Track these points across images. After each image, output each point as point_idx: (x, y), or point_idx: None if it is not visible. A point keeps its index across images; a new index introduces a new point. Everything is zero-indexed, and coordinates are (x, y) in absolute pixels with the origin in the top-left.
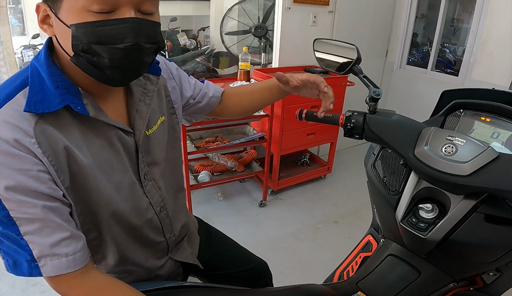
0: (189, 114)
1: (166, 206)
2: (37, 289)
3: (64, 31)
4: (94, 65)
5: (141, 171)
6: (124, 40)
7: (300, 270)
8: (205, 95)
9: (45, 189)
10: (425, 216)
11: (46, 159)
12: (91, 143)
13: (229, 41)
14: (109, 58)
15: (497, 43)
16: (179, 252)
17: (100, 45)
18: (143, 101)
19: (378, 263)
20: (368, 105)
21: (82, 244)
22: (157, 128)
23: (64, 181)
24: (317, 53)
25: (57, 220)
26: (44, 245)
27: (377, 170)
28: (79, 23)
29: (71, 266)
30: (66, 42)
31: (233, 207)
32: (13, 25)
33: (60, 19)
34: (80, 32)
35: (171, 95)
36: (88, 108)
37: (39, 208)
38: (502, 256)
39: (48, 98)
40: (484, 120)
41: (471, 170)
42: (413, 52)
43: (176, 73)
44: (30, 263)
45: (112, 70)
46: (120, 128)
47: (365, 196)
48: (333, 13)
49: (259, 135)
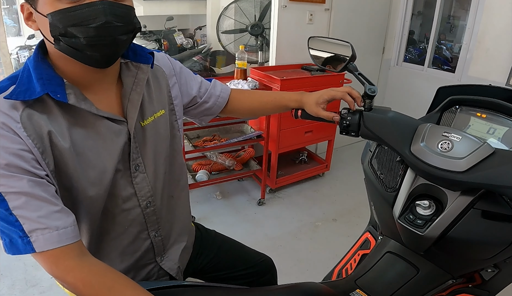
0: (197, 115)
1: (155, 203)
2: (36, 289)
3: (44, 22)
4: (73, 47)
5: (133, 161)
6: (96, 20)
7: (299, 268)
8: (212, 95)
9: (29, 167)
10: (422, 213)
11: (31, 141)
12: (75, 131)
13: (226, 39)
14: (84, 37)
15: (493, 40)
16: (167, 261)
17: (74, 27)
18: (134, 90)
19: (376, 261)
20: (364, 102)
21: (72, 220)
22: (155, 119)
23: (49, 164)
24: (312, 51)
25: (43, 194)
26: (33, 218)
27: (374, 167)
28: (54, 11)
29: (63, 239)
30: (47, 31)
31: (232, 206)
32: (8, 26)
33: (38, 12)
34: (55, 19)
35: (171, 91)
36: (70, 97)
37: (24, 181)
38: (500, 253)
39: (31, 88)
40: (480, 116)
41: (467, 166)
42: (410, 49)
43: (179, 71)
44: (23, 239)
45: (90, 48)
46: (108, 117)
47: (364, 194)
48: (329, 11)
49: (256, 133)
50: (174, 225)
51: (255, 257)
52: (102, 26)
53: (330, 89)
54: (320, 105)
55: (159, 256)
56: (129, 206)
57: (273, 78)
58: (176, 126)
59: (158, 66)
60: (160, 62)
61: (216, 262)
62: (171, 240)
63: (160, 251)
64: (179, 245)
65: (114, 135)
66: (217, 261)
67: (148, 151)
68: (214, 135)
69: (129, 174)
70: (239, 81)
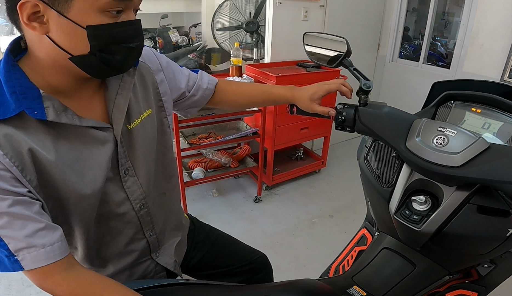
0: (184, 108)
1: (148, 204)
2: (33, 289)
3: (73, 31)
4: (104, 62)
5: (121, 167)
6: (134, 39)
7: (296, 265)
8: (200, 88)
9: (9, 187)
10: (418, 208)
11: (8, 160)
12: (58, 144)
13: (221, 37)
14: (121, 55)
15: (487, 36)
16: (163, 256)
17: (115, 44)
18: (120, 94)
19: (373, 257)
20: (359, 97)
21: (59, 235)
22: (142, 121)
23: (32, 181)
24: (307, 47)
25: (27, 212)
26: (18, 238)
27: (369, 163)
28: (97, 25)
29: (50, 257)
30: (73, 42)
31: (228, 203)
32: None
33: (70, 19)
34: (98, 33)
35: (159, 87)
36: (48, 111)
37: (6, 202)
38: (496, 248)
39: (5, 104)
40: (475, 111)
41: (462, 161)
42: (405, 45)
43: (166, 65)
44: (10, 258)
45: (118, 66)
46: (91, 126)
47: (360, 190)
48: (324, 8)
49: (252, 130)
50: (168, 221)
51: (250, 253)
52: (137, 46)
53: (322, 83)
54: (315, 101)
55: (154, 252)
56: (123, 210)
57: (269, 75)
58: (166, 123)
59: (143, 62)
60: (145, 58)
61: (211, 258)
62: (165, 236)
63: (155, 248)
64: (173, 239)
65: (100, 143)
66: (212, 257)
67: (137, 154)
68: (210, 132)
69: (119, 179)
70: (234, 78)
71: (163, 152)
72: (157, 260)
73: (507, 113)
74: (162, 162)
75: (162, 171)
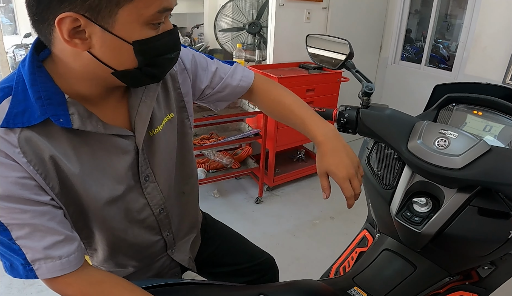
0: (211, 102)
1: (167, 208)
2: (34, 289)
3: (118, 47)
4: (148, 75)
5: (142, 174)
6: (173, 49)
7: (297, 266)
8: (228, 85)
9: (32, 196)
10: (419, 210)
11: (32, 168)
12: (80, 152)
13: (223, 38)
14: (164, 67)
15: (489, 38)
16: (178, 252)
17: (158, 57)
18: (144, 102)
19: (373, 258)
20: (361, 99)
21: (76, 246)
22: (164, 127)
23: (54, 188)
24: (310, 49)
25: (48, 224)
26: (37, 249)
27: (371, 165)
28: (143, 39)
29: (66, 268)
30: (118, 58)
31: (229, 204)
32: (4, 24)
33: (116, 35)
34: (144, 47)
35: (181, 88)
36: (74, 118)
37: (28, 213)
38: (496, 250)
39: (30, 109)
40: (477, 114)
41: (463, 163)
42: (407, 47)
43: (190, 63)
44: (25, 267)
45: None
46: (115, 134)
47: (361, 192)
48: (326, 10)
49: (254, 131)
50: (184, 219)
51: (258, 254)
52: (176, 55)
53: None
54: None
55: (170, 248)
56: (144, 216)
57: (271, 76)
58: (187, 124)
59: None
60: None
61: (220, 254)
62: (181, 233)
63: (171, 245)
64: (189, 236)
65: (122, 151)
66: (221, 254)
67: (158, 160)
68: (212, 133)
69: (139, 186)
70: None
71: (183, 154)
72: (172, 256)
73: (508, 116)
74: (182, 163)
75: (182, 172)
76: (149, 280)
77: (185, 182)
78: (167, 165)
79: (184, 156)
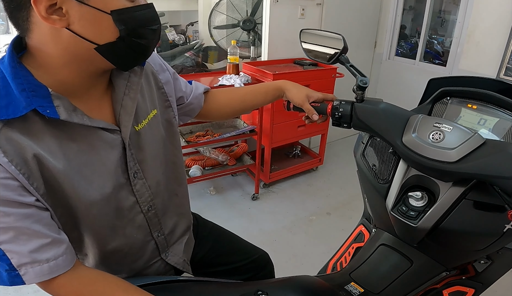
0: (181, 115)
1: (156, 205)
2: (31, 288)
3: (98, 18)
4: (132, 48)
5: (130, 170)
6: (154, 22)
7: (294, 262)
8: (196, 96)
9: (16, 197)
10: (415, 204)
11: (14, 168)
12: (67, 148)
13: (218, 35)
14: (148, 39)
15: (483, 34)
16: (173, 256)
17: (141, 28)
18: (127, 95)
19: (370, 253)
20: (356, 93)
21: (64, 248)
22: (149, 122)
23: (39, 188)
24: (304, 44)
25: (33, 226)
26: (23, 253)
27: (366, 159)
28: (121, 9)
29: (54, 271)
30: (98, 30)
31: (226, 201)
32: None
33: (93, 6)
34: (123, 17)
35: (165, 88)
36: (60, 110)
37: (12, 216)
38: (492, 244)
39: (14, 102)
40: (471, 107)
41: (458, 156)
42: (402, 43)
43: (171, 69)
44: (10, 273)
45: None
46: (101, 127)
47: (357, 187)
48: (321, 6)
49: (249, 128)
50: (179, 223)
51: (252, 251)
52: (158, 28)
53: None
54: (309, 99)
55: (164, 252)
56: (133, 214)
57: (266, 73)
58: (174, 123)
59: (146, 62)
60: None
61: (214, 254)
62: (174, 236)
63: (164, 248)
64: (182, 238)
65: (109, 146)
66: (215, 254)
67: (145, 156)
68: (207, 130)
69: (128, 183)
70: (232, 76)
71: (174, 153)
72: (167, 260)
73: (502, 109)
74: (173, 164)
75: (174, 173)
76: (144, 277)
77: (179, 183)
78: (154, 161)
79: (175, 155)
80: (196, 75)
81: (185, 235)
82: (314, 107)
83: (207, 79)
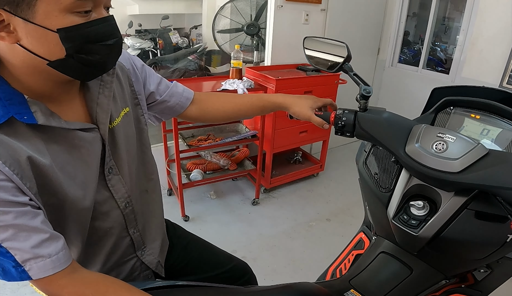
0: (158, 112)
1: (133, 202)
2: (28, 289)
3: (44, 36)
4: (85, 64)
5: (106, 165)
6: (110, 36)
7: (293, 268)
8: (174, 93)
9: (11, 197)
10: (416, 213)
11: (8, 169)
12: (51, 148)
13: (222, 39)
14: (101, 55)
15: (486, 42)
16: (148, 255)
17: (92, 44)
18: (102, 94)
19: (370, 261)
20: (359, 103)
21: (62, 244)
22: (122, 119)
23: (31, 188)
24: (307, 51)
25: (31, 223)
26: (25, 249)
27: (368, 168)
28: (68, 27)
29: (57, 265)
30: (46, 47)
31: (226, 205)
32: None
33: (38, 24)
34: (70, 35)
35: (134, 86)
36: (37, 115)
37: (10, 215)
38: (492, 253)
39: None
40: (474, 117)
41: (461, 166)
42: (405, 50)
43: (140, 67)
44: (17, 268)
45: (100, 65)
46: (78, 128)
47: (358, 194)
48: (325, 11)
49: (251, 133)
50: (151, 219)
51: (226, 260)
52: (116, 42)
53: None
54: (313, 110)
55: (139, 250)
56: (107, 209)
57: (268, 78)
58: (143, 121)
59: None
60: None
61: (183, 263)
62: (149, 234)
63: (140, 246)
64: (157, 237)
65: (89, 145)
66: (184, 262)
67: (120, 152)
68: (209, 134)
69: (103, 177)
70: (234, 81)
71: (143, 150)
72: (142, 259)
73: (505, 120)
74: (142, 160)
75: (143, 169)
76: (147, 282)
77: (148, 179)
78: (128, 158)
79: (144, 152)
80: (199, 79)
81: (159, 234)
82: (317, 115)
83: (210, 83)
